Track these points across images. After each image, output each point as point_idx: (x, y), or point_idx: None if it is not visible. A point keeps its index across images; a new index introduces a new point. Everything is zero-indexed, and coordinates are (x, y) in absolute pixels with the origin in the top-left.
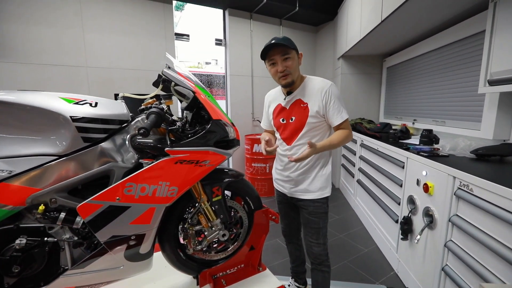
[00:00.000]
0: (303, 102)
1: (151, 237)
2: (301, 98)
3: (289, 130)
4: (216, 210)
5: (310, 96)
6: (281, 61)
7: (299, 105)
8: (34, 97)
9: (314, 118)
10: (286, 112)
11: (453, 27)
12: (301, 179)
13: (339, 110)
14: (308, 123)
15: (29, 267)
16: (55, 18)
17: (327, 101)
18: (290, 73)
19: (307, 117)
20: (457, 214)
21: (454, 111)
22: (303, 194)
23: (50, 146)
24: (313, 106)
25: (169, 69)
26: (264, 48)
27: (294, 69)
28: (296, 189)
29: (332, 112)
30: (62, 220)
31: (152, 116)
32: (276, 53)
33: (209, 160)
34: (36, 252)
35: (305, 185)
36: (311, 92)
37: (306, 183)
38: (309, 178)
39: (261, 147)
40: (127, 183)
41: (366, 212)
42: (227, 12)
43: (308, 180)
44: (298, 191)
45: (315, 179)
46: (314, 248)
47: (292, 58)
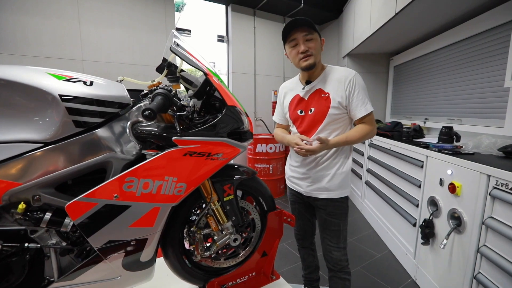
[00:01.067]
0: (324, 92)
1: (153, 243)
2: (322, 87)
3: (307, 123)
4: (227, 211)
5: (332, 85)
6: (303, 41)
7: (320, 95)
8: (16, 71)
9: (336, 109)
10: (304, 103)
11: (472, 20)
12: (320, 176)
13: (363, 102)
14: (330, 114)
15: (5, 280)
16: (49, 8)
17: (351, 91)
18: (313, 54)
19: (328, 108)
20: (492, 216)
21: (472, 108)
22: (321, 193)
23: (34, 131)
24: (335, 96)
25: (178, 46)
26: (287, 26)
27: (316, 51)
28: (313, 187)
29: (356, 103)
30: (47, 222)
31: (159, 98)
32: (299, 33)
33: (222, 153)
34: (14, 261)
35: (323, 183)
36: (333, 81)
37: (325, 180)
38: (329, 176)
39: (293, 141)
40: (127, 177)
41: (376, 215)
42: (229, 8)
43: (327, 178)
44: (316, 190)
45: (335, 177)
46: (334, 253)
47: (315, 40)
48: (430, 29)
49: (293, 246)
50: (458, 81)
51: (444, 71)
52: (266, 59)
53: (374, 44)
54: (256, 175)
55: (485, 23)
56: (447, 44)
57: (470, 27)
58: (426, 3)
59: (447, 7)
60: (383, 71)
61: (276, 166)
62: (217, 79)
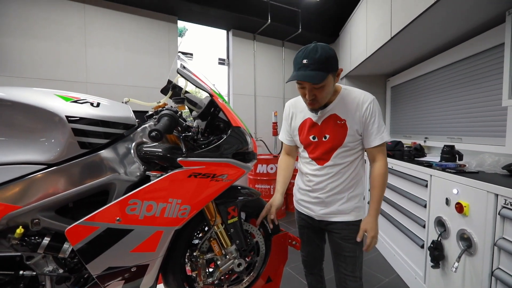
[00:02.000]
0: (340, 119)
1: (154, 269)
2: (337, 113)
3: (321, 150)
4: (231, 234)
5: (349, 111)
6: (311, 88)
7: (335, 122)
8: (24, 93)
9: (352, 137)
10: (318, 128)
11: (466, 42)
12: (332, 200)
13: (379, 130)
14: (346, 143)
15: None
16: (57, 32)
17: (368, 118)
18: (319, 101)
19: (345, 137)
20: (503, 237)
21: (472, 126)
22: (335, 216)
23: (38, 152)
24: (352, 123)
25: (184, 68)
26: (294, 70)
27: (325, 97)
28: (326, 211)
29: (371, 131)
30: (45, 248)
31: (165, 119)
32: (306, 83)
33: (227, 174)
34: None
35: (336, 206)
36: (349, 106)
37: (338, 204)
38: (342, 199)
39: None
40: (130, 199)
41: (382, 237)
42: (230, 33)
43: (341, 201)
44: (329, 214)
45: (349, 200)
46: (348, 283)
47: (326, 85)
48: (425, 52)
49: (297, 271)
50: (456, 101)
51: (441, 91)
52: (266, 81)
53: (371, 66)
54: (260, 196)
55: (479, 45)
56: (442, 66)
57: (464, 49)
58: (420, 27)
59: (441, 31)
60: (380, 92)
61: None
62: (222, 100)
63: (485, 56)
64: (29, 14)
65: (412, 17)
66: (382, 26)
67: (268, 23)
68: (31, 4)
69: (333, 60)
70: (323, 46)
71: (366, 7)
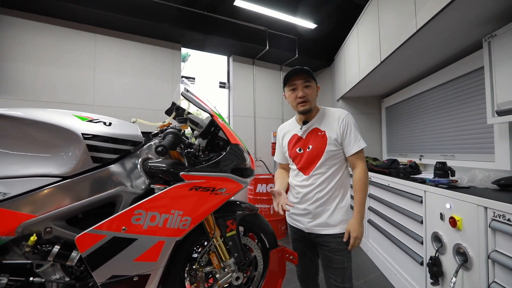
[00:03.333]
0: (320, 131)
1: (156, 280)
2: (318, 126)
3: (306, 159)
4: (229, 247)
5: (327, 124)
6: (302, 87)
7: (316, 134)
8: (45, 113)
9: (332, 146)
10: (302, 141)
11: (450, 66)
12: (320, 212)
13: (356, 138)
14: (327, 151)
15: None
16: (69, 60)
17: (345, 129)
18: (309, 100)
19: (325, 145)
20: (496, 249)
21: (463, 144)
22: (322, 228)
23: (54, 165)
24: (331, 133)
25: (187, 92)
26: (289, 72)
27: (312, 98)
28: (314, 223)
29: (349, 140)
30: (55, 255)
31: (170, 136)
32: (299, 79)
33: (226, 188)
34: None
35: (324, 218)
36: (328, 120)
37: (325, 216)
38: (329, 211)
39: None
40: (135, 210)
41: (382, 255)
42: (231, 59)
43: (328, 213)
44: (317, 226)
45: (335, 212)
46: None
47: (312, 88)
48: (415, 74)
49: None
50: (447, 120)
51: (433, 110)
52: (265, 103)
53: (365, 88)
54: (258, 211)
55: (462, 68)
56: (433, 86)
57: (450, 72)
58: (407, 52)
59: (427, 55)
60: (376, 112)
61: None
62: (222, 120)
63: (469, 78)
64: (43, 42)
65: (398, 44)
66: (372, 52)
67: (266, 49)
68: (46, 34)
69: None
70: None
71: (358, 35)
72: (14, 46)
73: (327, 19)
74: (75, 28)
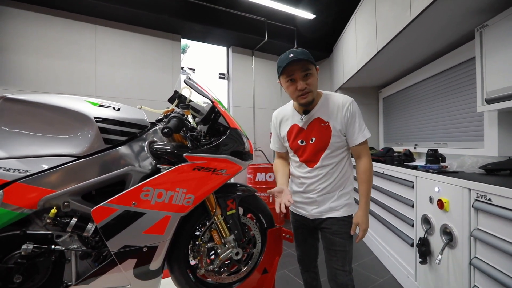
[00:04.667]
0: (323, 121)
1: (163, 252)
2: (321, 116)
3: (309, 152)
4: (230, 225)
5: (331, 113)
6: (301, 78)
7: (319, 125)
8: (61, 99)
9: (337, 137)
10: (304, 132)
11: (443, 57)
12: (324, 199)
13: (360, 129)
14: (332, 143)
15: (31, 279)
16: (70, 52)
17: (349, 118)
18: (311, 91)
19: (330, 137)
20: (478, 227)
21: (455, 132)
22: (326, 213)
23: (70, 146)
24: (335, 124)
25: (189, 79)
26: (283, 61)
27: (314, 87)
28: (318, 210)
29: (353, 130)
30: (73, 226)
31: (174, 120)
32: (296, 69)
33: (226, 169)
34: (41, 261)
35: (328, 203)
36: (332, 109)
37: (330, 201)
38: (333, 197)
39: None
40: (144, 187)
41: (377, 240)
42: (230, 50)
43: (332, 199)
44: (322, 212)
45: (339, 197)
46: (339, 277)
47: (313, 74)
48: (411, 64)
49: (294, 272)
50: (441, 109)
51: (427, 100)
52: (264, 94)
53: (363, 79)
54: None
55: (456, 58)
56: (427, 77)
57: (444, 62)
58: (402, 43)
59: (421, 46)
60: (373, 103)
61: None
62: (222, 107)
63: (462, 67)
64: (45, 34)
65: (393, 34)
66: (369, 42)
67: (265, 40)
68: (47, 25)
69: (311, 56)
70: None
71: (355, 26)
72: (16, 38)
73: (326, 10)
74: (75, 19)
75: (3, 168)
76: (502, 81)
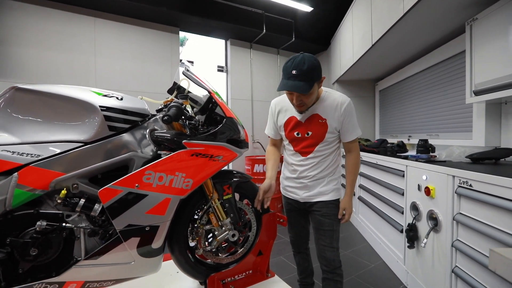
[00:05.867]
0: (321, 118)
1: (164, 231)
2: (319, 113)
3: (304, 144)
4: (226, 209)
5: (329, 111)
6: (298, 95)
7: (317, 121)
8: (68, 89)
9: (331, 134)
10: (302, 126)
11: (436, 50)
12: (315, 184)
13: (354, 127)
14: (326, 138)
15: (45, 252)
16: (70, 44)
17: (345, 118)
18: (306, 105)
19: (325, 133)
20: (460, 212)
21: (446, 124)
22: (316, 197)
23: (78, 133)
24: (332, 122)
25: (188, 71)
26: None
27: (311, 101)
28: (309, 193)
29: (347, 128)
30: (81, 206)
31: (174, 108)
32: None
33: (222, 156)
34: (53, 236)
35: (318, 188)
36: (329, 107)
37: (319, 186)
38: (323, 182)
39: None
40: (146, 170)
41: (370, 228)
42: (228, 42)
43: (321, 184)
44: (312, 195)
45: (329, 182)
46: (327, 253)
47: (312, 92)
48: (406, 57)
49: (291, 259)
50: (433, 101)
51: (421, 93)
52: (262, 86)
53: (359, 71)
54: (252, 180)
55: (447, 52)
56: (421, 70)
57: (436, 55)
58: (396, 36)
59: (414, 39)
60: (370, 96)
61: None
62: (219, 97)
63: (453, 60)
64: (44, 27)
65: (387, 27)
66: (365, 35)
67: (263, 33)
68: (47, 18)
69: (317, 70)
70: (309, 57)
71: (352, 19)
72: (17, 31)
73: (323, 2)
74: (74, 12)
75: (17, 153)
76: (490, 73)
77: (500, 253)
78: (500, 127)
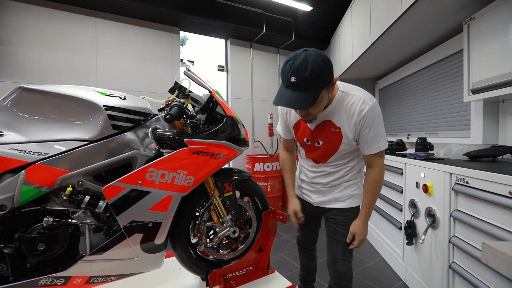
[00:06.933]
0: (335, 126)
1: (166, 228)
2: (332, 120)
3: (315, 154)
4: (227, 206)
5: (345, 118)
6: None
7: (330, 129)
8: (73, 89)
9: (347, 145)
10: (311, 133)
11: (435, 49)
12: (330, 190)
13: (375, 138)
14: (341, 150)
15: (52, 248)
16: (72, 44)
17: (363, 127)
18: (313, 115)
19: (339, 144)
20: (457, 209)
21: (445, 122)
22: (330, 203)
23: (82, 131)
24: (347, 131)
25: (189, 71)
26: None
27: (319, 111)
28: (323, 199)
29: (365, 139)
30: (86, 203)
31: (175, 107)
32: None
33: (223, 154)
34: (59, 232)
35: (333, 194)
36: (347, 113)
37: (335, 192)
38: (339, 188)
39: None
40: (149, 168)
41: (369, 225)
42: (229, 42)
43: (338, 189)
44: (326, 201)
45: (346, 188)
46: (338, 266)
47: (319, 101)
48: (405, 56)
49: (291, 257)
50: (432, 100)
51: (420, 92)
52: (262, 86)
53: (359, 70)
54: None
55: (447, 50)
56: (420, 68)
57: (435, 54)
58: (395, 35)
59: (413, 38)
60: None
61: (274, 184)
62: (219, 96)
63: (451, 59)
64: (46, 27)
65: (386, 27)
66: (364, 35)
67: (263, 32)
68: (48, 18)
69: (325, 73)
70: (313, 57)
71: (351, 18)
72: (19, 31)
73: (323, 1)
74: (75, 12)
75: (24, 151)
76: (487, 72)
77: (492, 246)
78: (498, 125)
